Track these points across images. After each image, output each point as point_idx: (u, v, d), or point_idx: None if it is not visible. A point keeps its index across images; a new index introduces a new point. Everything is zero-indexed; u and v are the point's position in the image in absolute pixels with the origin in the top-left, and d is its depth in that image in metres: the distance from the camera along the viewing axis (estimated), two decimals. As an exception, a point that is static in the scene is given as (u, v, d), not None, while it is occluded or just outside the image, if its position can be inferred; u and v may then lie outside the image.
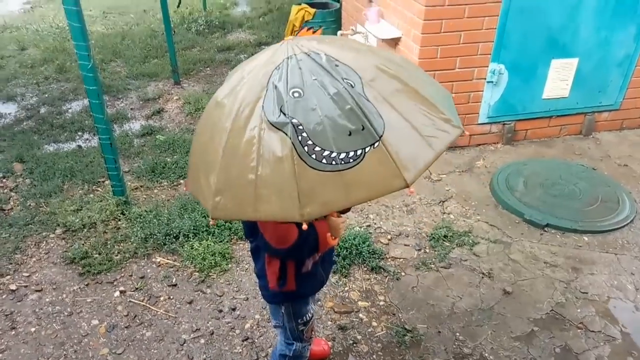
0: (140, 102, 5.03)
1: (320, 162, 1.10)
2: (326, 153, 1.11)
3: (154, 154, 3.96)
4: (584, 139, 4.14)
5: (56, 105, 4.91)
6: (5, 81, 5.49)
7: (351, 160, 1.11)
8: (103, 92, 5.11)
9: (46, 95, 5.14)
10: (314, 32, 1.38)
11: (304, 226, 1.13)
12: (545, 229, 3.06)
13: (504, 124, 4.00)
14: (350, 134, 1.12)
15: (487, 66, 3.69)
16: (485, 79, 3.73)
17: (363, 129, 1.12)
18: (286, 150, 1.11)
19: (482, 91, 3.79)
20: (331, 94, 1.15)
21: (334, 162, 1.11)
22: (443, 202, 3.38)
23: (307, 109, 1.12)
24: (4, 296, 2.61)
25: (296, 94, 1.14)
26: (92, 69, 2.72)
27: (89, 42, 2.67)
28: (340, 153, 1.11)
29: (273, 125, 1.13)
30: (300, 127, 1.11)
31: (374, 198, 1.16)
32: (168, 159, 3.86)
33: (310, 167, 1.10)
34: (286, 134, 1.11)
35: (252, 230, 1.56)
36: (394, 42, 3.85)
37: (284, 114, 1.12)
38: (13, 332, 2.40)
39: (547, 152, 3.96)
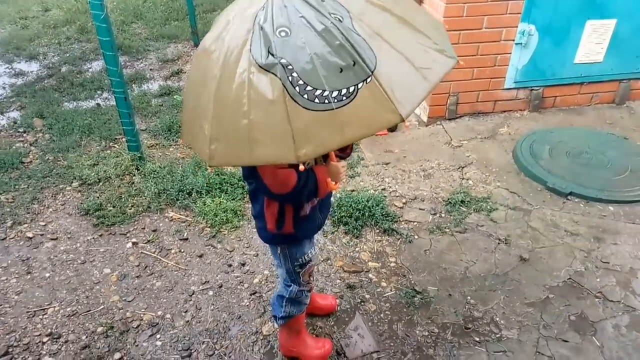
0: (160, 63, 5.01)
1: (313, 101, 1.06)
2: (318, 92, 1.07)
3: (171, 114, 3.95)
4: (617, 107, 3.93)
5: (77, 65, 4.94)
6: (28, 41, 5.54)
7: (344, 97, 1.07)
8: (123, 53, 5.12)
9: (67, 55, 5.17)
10: None
11: (301, 167, 1.12)
12: (569, 197, 2.93)
13: (531, 90, 3.82)
14: (341, 71, 1.07)
15: (517, 26, 3.49)
16: (513, 40, 3.55)
17: (354, 64, 1.07)
18: (277, 92, 1.07)
19: (510, 54, 3.61)
20: (319, 30, 1.09)
21: (326, 101, 1.07)
22: (462, 167, 3.27)
23: (295, 48, 1.08)
24: (21, 243, 2.67)
25: (283, 34, 1.09)
26: (104, 19, 2.68)
27: (102, -9, 2.62)
28: (332, 91, 1.07)
29: (262, 68, 1.08)
30: (290, 67, 1.07)
31: (370, 134, 1.13)
32: (184, 118, 3.84)
33: (303, 107, 1.06)
34: (276, 75, 1.07)
35: (251, 172, 1.51)
36: (419, 0, 3.67)
37: (272, 55, 1.08)
38: (29, 277, 2.45)
39: (576, 121, 3.78)
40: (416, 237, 2.68)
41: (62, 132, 3.68)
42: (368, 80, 1.08)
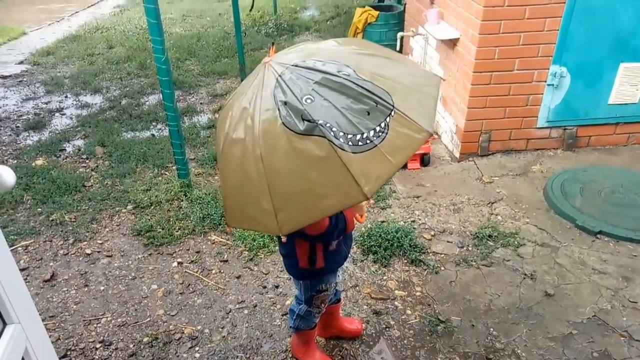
0: (209, 97, 5.41)
1: (357, 145, 1.24)
2: (358, 137, 1.25)
3: (217, 144, 4.26)
4: (654, 148, 3.91)
5: (135, 98, 5.41)
6: (94, 75, 6.11)
7: (380, 133, 1.25)
8: (176, 87, 5.56)
9: (127, 89, 5.67)
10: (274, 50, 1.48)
11: (371, 202, 1.28)
12: (598, 236, 2.96)
13: (564, 129, 3.88)
14: (368, 114, 1.26)
15: (548, 68, 3.61)
16: (545, 81, 3.66)
17: (377, 105, 1.27)
18: (325, 149, 1.24)
19: (542, 94, 3.71)
20: (335, 87, 1.29)
21: (367, 141, 1.24)
22: (492, 203, 3.35)
23: (324, 108, 1.26)
24: (80, 258, 2.97)
25: (308, 101, 1.27)
26: (165, 61, 3.03)
27: (163, 37, 2.98)
28: (369, 131, 1.25)
29: (303, 134, 1.25)
30: (328, 125, 1.24)
31: (411, 155, 1.34)
32: (229, 149, 4.13)
33: (352, 152, 1.23)
34: (319, 136, 1.24)
35: None
36: (452, 43, 3.87)
37: (309, 121, 1.25)
38: (86, 289, 2.73)
39: (611, 160, 3.79)
40: (442, 268, 2.78)
41: (120, 159, 4.05)
42: (392, 114, 1.27)
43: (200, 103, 5.28)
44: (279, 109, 1.28)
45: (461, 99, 3.80)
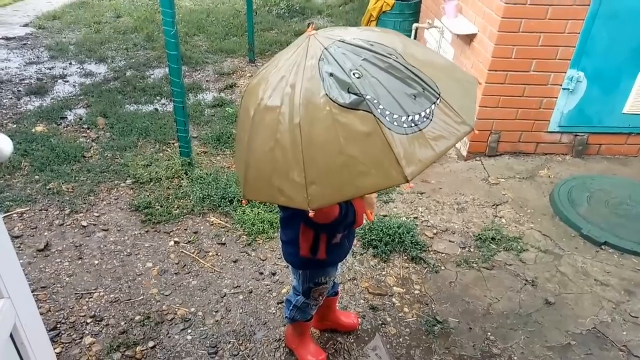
0: (216, 76, 5.31)
1: (402, 126, 1.19)
2: (404, 118, 1.20)
3: (222, 124, 4.19)
4: (665, 161, 3.85)
5: (141, 70, 5.31)
6: (99, 44, 6.00)
7: (425, 119, 1.21)
8: (183, 63, 5.45)
9: (133, 60, 5.56)
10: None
11: (410, 185, 1.19)
12: (603, 246, 2.91)
13: (575, 135, 3.82)
14: (415, 97, 1.22)
15: (565, 72, 3.53)
16: (561, 85, 3.58)
17: (423, 90, 1.23)
18: (370, 125, 1.18)
19: (556, 98, 3.64)
20: (384, 67, 1.24)
21: (412, 124, 1.20)
22: (497, 205, 3.30)
23: (372, 85, 1.21)
24: (75, 230, 2.92)
25: (356, 75, 1.21)
26: (174, 35, 2.94)
27: (174, 10, 2.89)
28: (415, 115, 1.21)
29: (347, 107, 1.18)
30: (376, 102, 1.19)
31: (451, 146, 1.26)
32: (233, 130, 4.06)
33: (397, 133, 1.18)
34: (366, 111, 1.18)
35: None
36: (469, 39, 3.78)
37: (355, 94, 1.19)
38: (80, 262, 2.68)
39: (620, 171, 3.73)
40: (443, 268, 2.73)
41: (121, 132, 3.98)
42: (438, 102, 1.24)
43: (207, 80, 5.19)
44: (323, 80, 1.22)
45: (473, 97, 3.71)
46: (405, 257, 2.79)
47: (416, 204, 3.29)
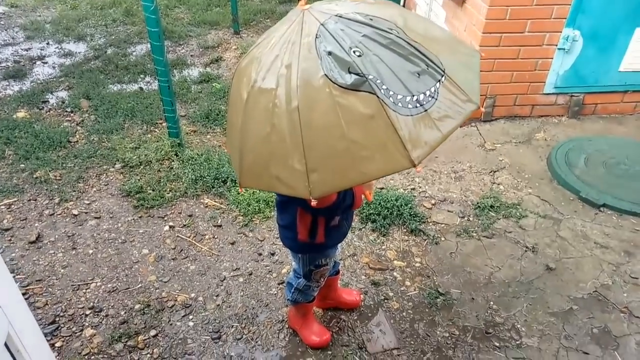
0: (200, 50, 5.13)
1: (407, 107, 1.12)
2: (408, 99, 1.12)
3: (210, 101, 4.07)
4: (661, 118, 3.82)
5: (122, 47, 5.11)
6: (77, 21, 5.75)
7: (430, 98, 1.14)
8: (165, 38, 5.25)
9: (113, 37, 5.35)
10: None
11: (418, 169, 1.12)
12: (601, 208, 2.90)
13: (571, 96, 3.75)
14: (419, 75, 1.14)
15: (561, 32, 3.43)
16: (556, 45, 3.48)
17: (428, 67, 1.16)
18: (374, 107, 1.10)
19: (552, 59, 3.55)
20: (385, 44, 1.16)
21: (417, 105, 1.13)
22: (494, 172, 3.26)
23: (374, 64, 1.13)
24: (67, 219, 2.85)
25: (357, 53, 1.13)
26: (154, 10, 2.79)
27: (153, -17, 2.73)
28: (420, 94, 1.13)
29: (348, 88, 1.11)
30: (379, 82, 1.11)
31: (458, 125, 1.18)
32: (222, 107, 3.95)
33: (402, 114, 1.11)
34: (367, 92, 1.10)
35: None
36: (461, 0, 3.64)
37: (357, 74, 1.11)
38: (74, 252, 2.62)
39: (616, 130, 3.70)
40: (443, 239, 2.71)
41: (106, 114, 3.85)
42: (443, 79, 1.17)
43: (191, 55, 5.01)
44: (321, 59, 1.13)
45: (467, 61, 3.61)
46: (405, 230, 2.77)
47: (413, 174, 3.24)
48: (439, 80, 1.16)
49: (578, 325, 2.22)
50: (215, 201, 2.98)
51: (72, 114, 3.90)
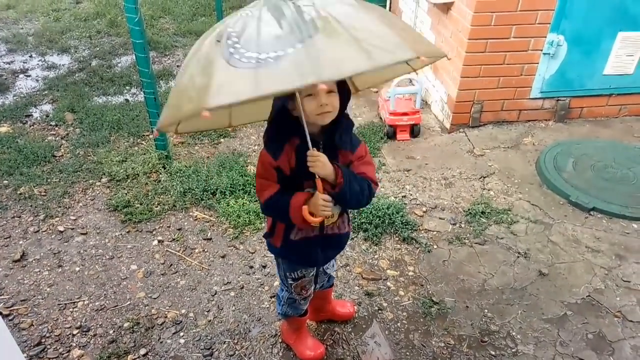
0: (187, 60, 5.08)
1: (243, 61, 1.09)
2: (255, 55, 1.09)
3: (197, 112, 4.02)
4: (646, 120, 3.86)
5: (106, 59, 5.05)
6: (60, 33, 5.68)
7: (270, 59, 1.08)
8: (151, 49, 5.21)
9: (97, 49, 5.29)
10: None
11: (205, 114, 1.06)
12: (591, 212, 2.92)
13: (557, 100, 3.78)
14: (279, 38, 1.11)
15: (545, 37, 3.46)
16: (541, 50, 3.51)
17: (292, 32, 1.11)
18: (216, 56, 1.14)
19: (537, 63, 3.58)
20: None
21: (258, 60, 1.08)
22: (484, 177, 3.27)
23: (245, 22, 1.18)
24: (52, 236, 2.78)
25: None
26: (138, 22, 2.75)
27: (137, -6, 2.69)
28: (261, 54, 1.09)
29: (218, 41, 1.16)
30: (235, 38, 1.13)
31: (286, 90, 1.11)
32: (210, 117, 3.90)
33: (232, 66, 1.09)
34: (219, 42, 1.15)
35: None
36: (446, 7, 3.66)
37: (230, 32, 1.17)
38: (60, 270, 2.56)
39: (602, 133, 3.73)
40: (435, 246, 2.70)
41: (92, 127, 3.79)
42: (299, 47, 1.08)
43: (177, 66, 4.97)
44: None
45: (454, 67, 3.63)
46: (397, 239, 2.75)
47: (403, 182, 3.23)
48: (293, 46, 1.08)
49: (573, 331, 2.22)
50: (204, 214, 2.94)
51: (56, 128, 3.83)
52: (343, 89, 1.47)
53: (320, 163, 1.44)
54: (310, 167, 1.44)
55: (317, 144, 1.49)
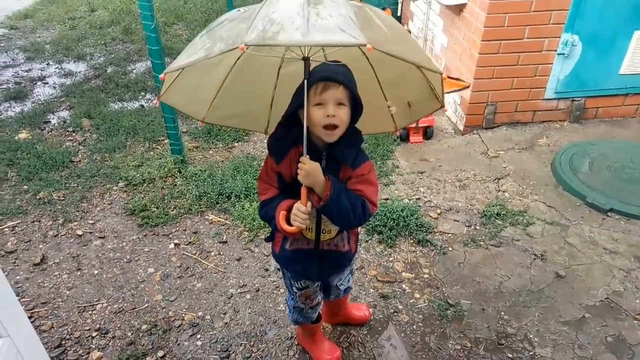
0: (200, 65, 5.14)
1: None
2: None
3: (211, 116, 4.06)
4: (663, 120, 3.81)
5: (122, 66, 5.13)
6: (76, 41, 5.78)
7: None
8: (165, 55, 5.27)
9: (113, 56, 5.37)
10: None
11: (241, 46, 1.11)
12: (609, 213, 2.88)
13: (572, 100, 3.75)
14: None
15: (559, 37, 3.43)
16: (555, 50, 3.49)
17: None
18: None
19: (552, 64, 3.55)
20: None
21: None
22: (499, 179, 3.25)
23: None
24: (71, 240, 2.83)
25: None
26: (154, 29, 2.80)
27: (152, 3, 2.74)
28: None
29: None
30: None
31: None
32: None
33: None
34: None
35: None
36: (459, 9, 3.66)
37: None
38: (79, 273, 2.60)
39: (619, 133, 3.69)
40: (450, 249, 2.69)
41: (108, 132, 3.85)
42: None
43: (191, 71, 5.02)
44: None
45: (467, 69, 3.62)
46: (412, 241, 2.74)
47: (417, 184, 3.23)
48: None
49: (591, 334, 2.19)
50: (220, 217, 2.97)
51: (74, 134, 3.90)
52: (355, 104, 1.44)
53: (303, 172, 1.40)
54: (297, 173, 1.42)
55: (321, 155, 1.47)
